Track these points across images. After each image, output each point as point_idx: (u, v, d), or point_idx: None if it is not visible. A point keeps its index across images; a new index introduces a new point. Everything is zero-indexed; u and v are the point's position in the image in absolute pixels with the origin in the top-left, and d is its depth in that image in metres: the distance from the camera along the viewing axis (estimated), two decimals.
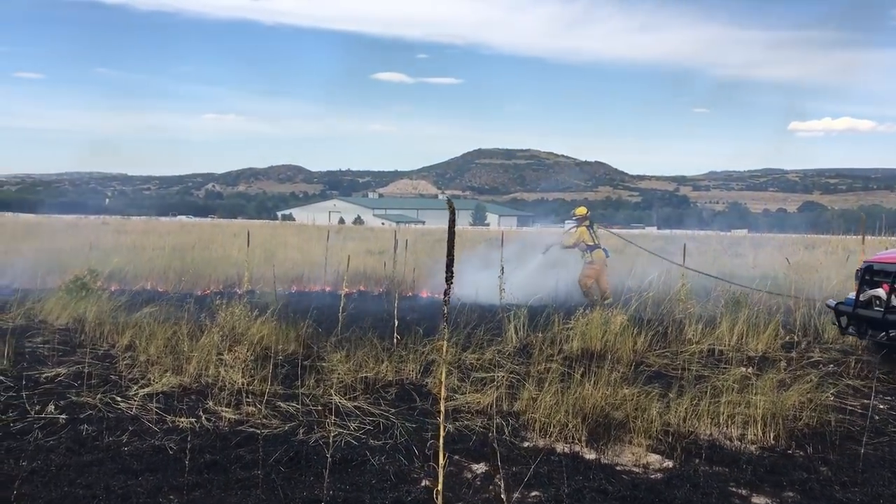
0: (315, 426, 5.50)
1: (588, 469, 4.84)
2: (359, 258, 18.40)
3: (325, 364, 7.22)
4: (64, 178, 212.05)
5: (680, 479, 4.71)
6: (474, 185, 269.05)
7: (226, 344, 7.28)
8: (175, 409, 5.81)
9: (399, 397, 6.48)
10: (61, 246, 20.68)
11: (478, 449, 5.15)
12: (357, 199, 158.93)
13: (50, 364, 7.15)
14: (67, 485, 4.28)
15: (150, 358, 7.18)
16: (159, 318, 8.71)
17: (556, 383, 6.06)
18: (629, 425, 5.53)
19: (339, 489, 4.35)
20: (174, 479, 4.43)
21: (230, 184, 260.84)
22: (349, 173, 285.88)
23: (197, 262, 16.71)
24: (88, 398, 5.98)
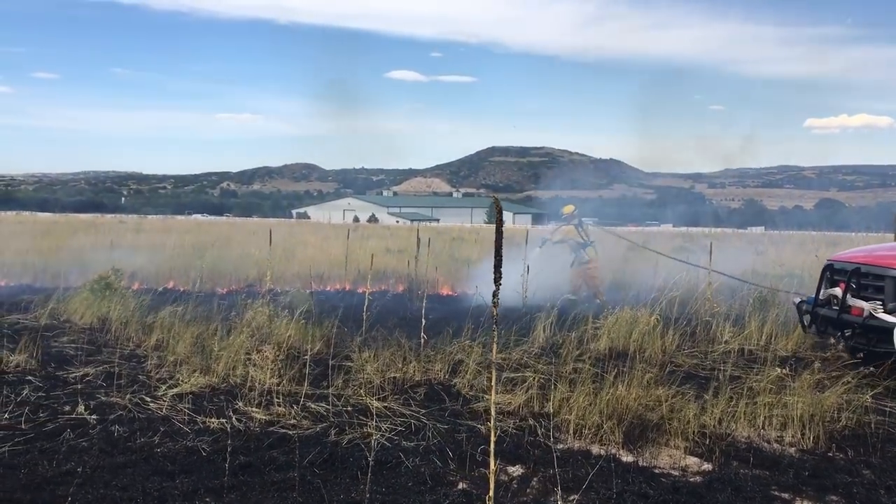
0: (346, 427, 5.45)
1: (626, 472, 4.77)
2: (378, 256, 18.36)
3: (353, 364, 7.18)
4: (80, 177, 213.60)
5: (721, 483, 4.62)
6: (488, 182, 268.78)
7: (254, 344, 7.25)
8: (205, 409, 5.78)
9: (428, 398, 6.42)
10: (81, 245, 20.79)
11: (512, 451, 5.08)
12: (371, 197, 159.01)
13: (77, 364, 7.14)
14: (103, 486, 4.25)
15: (178, 358, 7.15)
16: (184, 317, 8.70)
17: (588, 384, 5.99)
18: (665, 427, 5.45)
19: (375, 492, 4.29)
20: (209, 480, 4.39)
21: (245, 182, 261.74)
22: (363, 171, 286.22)
23: (217, 260, 16.73)
24: (118, 398, 5.96)
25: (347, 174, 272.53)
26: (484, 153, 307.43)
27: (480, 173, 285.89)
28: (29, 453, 4.77)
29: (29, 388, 6.24)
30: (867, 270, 7.46)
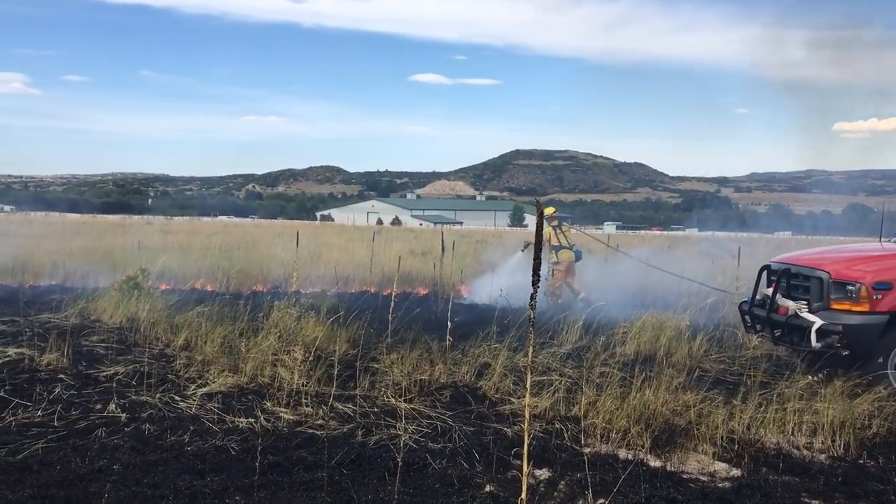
0: (373, 428, 5.47)
1: (654, 477, 4.75)
2: (403, 259, 18.40)
3: (379, 366, 7.21)
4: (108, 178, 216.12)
5: (750, 489, 4.59)
6: (512, 185, 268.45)
7: (281, 345, 7.30)
8: (234, 409, 5.83)
9: (454, 400, 6.43)
10: (109, 245, 21.03)
11: (539, 454, 5.07)
12: (395, 199, 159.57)
13: (108, 363, 7.23)
14: (135, 484, 4.30)
15: (207, 357, 7.22)
16: (212, 317, 8.77)
17: (615, 388, 5.97)
18: (693, 432, 5.42)
19: (403, 493, 4.31)
20: (239, 479, 4.43)
21: (270, 184, 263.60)
22: (387, 174, 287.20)
23: (244, 261, 16.85)
24: (148, 397, 6.03)
25: (371, 177, 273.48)
26: (508, 156, 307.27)
27: (504, 176, 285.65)
28: (62, 450, 4.84)
29: (61, 386, 6.33)
30: (797, 272, 7.69)
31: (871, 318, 6.87)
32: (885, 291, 6.87)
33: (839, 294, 7.08)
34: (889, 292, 6.87)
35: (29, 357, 7.17)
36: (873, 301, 6.86)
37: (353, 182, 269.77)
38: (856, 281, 6.97)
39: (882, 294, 6.86)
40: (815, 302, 7.25)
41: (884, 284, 6.90)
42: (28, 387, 6.24)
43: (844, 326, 6.87)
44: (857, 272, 7.09)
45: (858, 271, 7.11)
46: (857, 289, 6.93)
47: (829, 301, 7.13)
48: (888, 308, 6.87)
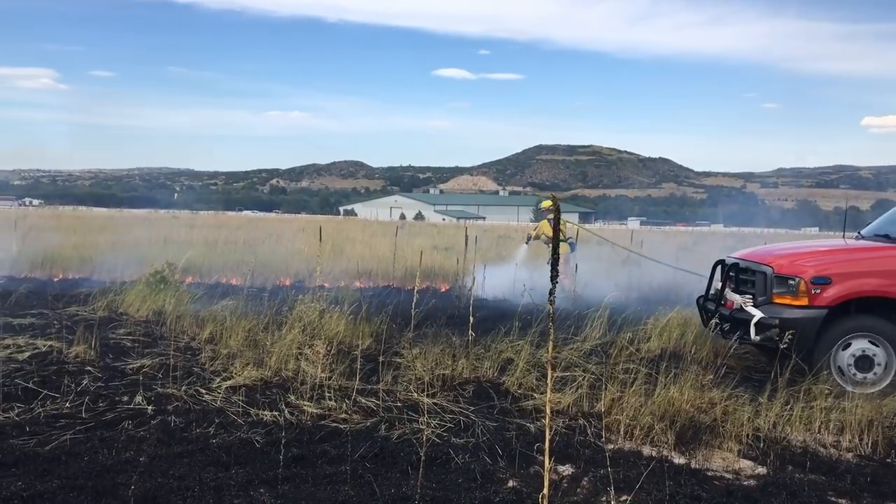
0: (396, 422, 5.49)
1: (678, 474, 4.72)
2: (425, 254, 18.42)
3: (402, 360, 7.23)
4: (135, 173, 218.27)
5: (776, 487, 4.55)
6: (535, 181, 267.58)
7: (305, 339, 7.34)
8: (258, 402, 5.87)
9: (477, 395, 6.42)
10: (136, 239, 21.26)
11: (562, 450, 5.06)
12: (418, 194, 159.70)
13: (134, 355, 7.31)
14: (161, 475, 4.35)
15: (231, 351, 7.28)
16: (237, 311, 8.84)
17: (639, 385, 5.93)
18: (718, 429, 5.38)
19: (426, 487, 4.32)
20: (263, 472, 4.47)
21: (294, 179, 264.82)
22: (410, 169, 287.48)
23: (268, 256, 16.96)
24: (174, 390, 6.09)
25: (394, 172, 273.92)
26: (531, 151, 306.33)
27: (527, 171, 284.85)
28: (90, 441, 4.90)
29: (88, 378, 6.41)
30: (745, 266, 7.79)
31: (810, 312, 6.89)
32: (824, 286, 6.89)
33: (781, 288, 7.14)
34: (828, 287, 6.89)
35: (57, 349, 7.27)
36: (812, 295, 6.89)
37: (377, 177, 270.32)
38: (795, 275, 7.03)
39: (821, 288, 6.88)
40: (759, 296, 7.35)
41: (823, 279, 6.93)
42: (56, 378, 6.33)
43: (782, 320, 6.92)
44: (797, 267, 7.15)
45: (799, 266, 7.17)
46: (797, 283, 6.98)
47: (771, 295, 7.20)
48: (827, 303, 6.88)
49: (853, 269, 7.10)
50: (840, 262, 7.23)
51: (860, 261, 7.32)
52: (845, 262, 7.26)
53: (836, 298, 6.87)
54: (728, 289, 7.94)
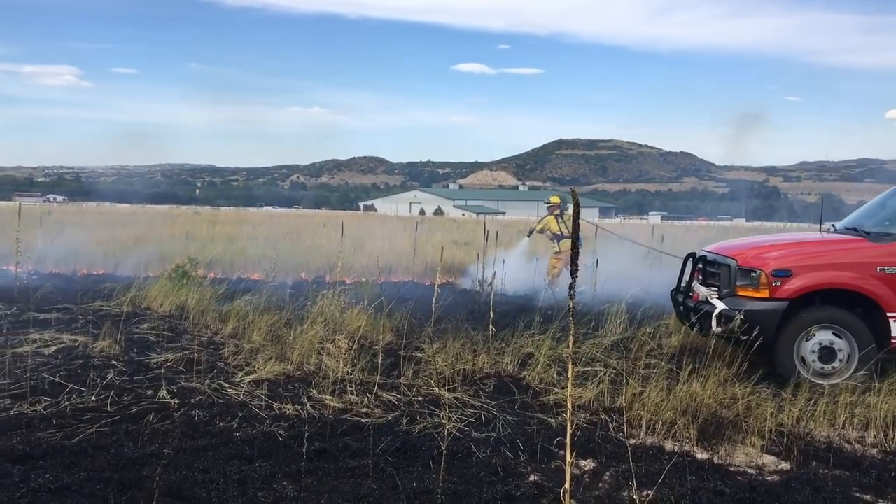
0: (418, 417, 5.51)
1: (700, 469, 4.70)
2: (446, 249, 18.43)
3: (423, 355, 7.25)
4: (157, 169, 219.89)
5: (799, 482, 4.52)
6: (555, 176, 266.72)
7: (327, 334, 7.38)
8: (281, 396, 5.91)
9: (497, 390, 6.43)
10: (158, 235, 21.45)
11: (583, 445, 5.05)
12: (437, 189, 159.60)
13: (158, 350, 7.39)
14: (185, 468, 4.40)
15: (254, 345, 7.34)
16: (259, 306, 8.91)
17: (661, 380, 5.92)
18: (741, 425, 5.36)
19: (448, 481, 4.33)
20: (286, 465, 4.51)
21: (314, 175, 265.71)
22: (430, 164, 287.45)
23: (289, 251, 17.05)
24: (198, 384, 6.15)
25: (414, 167, 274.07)
26: (551, 146, 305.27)
27: (547, 166, 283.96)
28: (115, 435, 4.97)
29: (113, 372, 6.49)
30: (713, 259, 7.88)
31: (770, 304, 6.92)
32: (785, 278, 6.94)
33: (744, 281, 7.19)
34: (788, 279, 6.93)
35: (83, 344, 7.37)
36: (773, 287, 6.93)
37: (396, 172, 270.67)
38: (757, 268, 7.09)
39: (781, 281, 6.93)
40: (724, 288, 7.42)
41: (783, 272, 6.97)
42: (82, 373, 6.42)
43: (742, 312, 6.95)
44: (759, 260, 7.22)
45: (761, 259, 7.23)
46: (758, 275, 7.04)
47: (735, 287, 7.27)
48: (788, 295, 6.92)
49: (814, 262, 7.12)
50: (801, 255, 7.27)
51: (822, 253, 7.33)
52: (806, 255, 7.29)
53: (796, 291, 6.91)
54: (696, 281, 8.04)
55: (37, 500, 3.93)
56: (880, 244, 7.07)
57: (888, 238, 7.13)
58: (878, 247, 7.04)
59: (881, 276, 6.82)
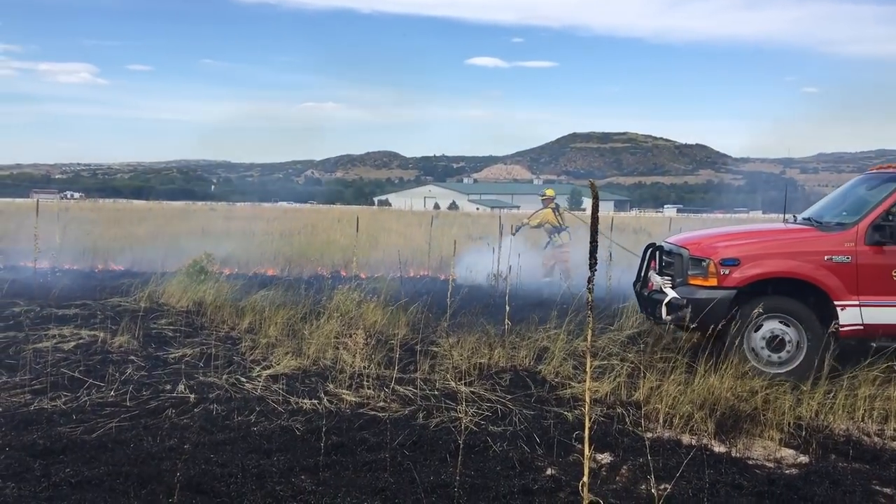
0: (434, 411, 5.52)
1: (718, 462, 4.69)
2: (460, 243, 18.43)
3: (439, 349, 7.25)
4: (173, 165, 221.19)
5: (818, 476, 4.50)
6: (569, 169, 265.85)
7: (343, 328, 7.40)
8: (298, 390, 5.94)
9: (513, 384, 6.43)
10: (175, 231, 21.58)
11: (601, 438, 5.05)
12: (452, 184, 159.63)
13: (176, 345, 7.44)
14: (204, 462, 4.43)
15: (270, 340, 7.37)
16: (275, 301, 8.94)
17: (678, 373, 5.90)
18: (759, 418, 5.33)
19: (465, 475, 4.34)
20: (304, 459, 4.53)
21: (328, 170, 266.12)
22: (443, 159, 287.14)
23: (304, 246, 17.11)
24: (215, 378, 6.19)
25: (428, 161, 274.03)
26: (565, 139, 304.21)
27: (561, 160, 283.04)
28: (134, 429, 5.01)
29: (132, 367, 6.54)
30: (668, 249, 7.94)
31: (718, 292, 6.97)
32: (733, 267, 7.00)
33: (695, 270, 7.27)
34: (736, 268, 6.99)
35: (101, 339, 7.42)
36: (721, 276, 7.00)
37: (410, 167, 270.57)
38: (706, 257, 7.17)
39: (730, 269, 6.99)
40: (677, 278, 7.50)
41: (731, 260, 7.03)
42: (101, 368, 6.47)
43: (690, 300, 7.07)
44: (708, 249, 7.29)
45: (710, 248, 7.31)
46: (707, 264, 7.11)
47: (687, 277, 7.35)
48: (735, 283, 6.97)
49: (762, 251, 7.18)
50: (750, 245, 7.35)
51: (770, 243, 7.40)
52: (755, 245, 7.37)
53: (744, 279, 6.97)
54: (653, 271, 8.14)
55: (58, 494, 3.98)
56: (828, 233, 7.14)
57: (837, 227, 7.20)
58: (826, 236, 7.12)
59: (829, 265, 6.88)
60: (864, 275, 6.83)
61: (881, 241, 6.86)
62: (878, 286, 6.82)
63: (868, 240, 6.87)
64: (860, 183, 8.12)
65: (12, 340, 7.36)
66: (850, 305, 6.80)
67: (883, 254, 6.86)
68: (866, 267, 6.84)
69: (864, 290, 6.82)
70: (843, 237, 6.97)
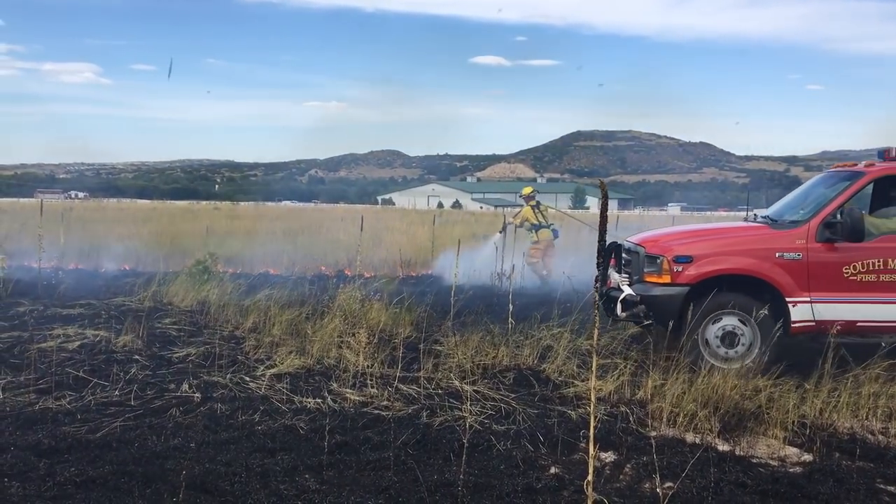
0: (438, 410, 5.52)
1: (722, 461, 4.69)
2: (464, 242, 18.41)
3: (442, 348, 7.26)
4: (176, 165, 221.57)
5: (822, 474, 4.50)
6: (573, 167, 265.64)
7: (346, 327, 7.41)
8: (301, 389, 5.95)
9: (517, 382, 6.43)
10: (179, 231, 21.61)
11: (604, 437, 5.05)
12: (455, 183, 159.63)
13: (180, 344, 7.45)
14: (208, 461, 4.44)
15: (274, 340, 7.38)
16: (279, 300, 8.95)
17: (682, 372, 5.89)
18: (763, 416, 5.33)
19: (469, 473, 4.34)
20: (308, 458, 4.54)
21: (332, 169, 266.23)
22: (447, 157, 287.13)
23: (308, 246, 17.13)
24: (219, 378, 6.20)
25: (431, 160, 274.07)
26: (568, 138, 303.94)
27: (565, 158, 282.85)
28: (139, 428, 5.02)
29: (136, 366, 6.55)
30: (628, 247, 8.07)
31: (671, 289, 7.12)
32: (686, 264, 7.12)
33: (650, 267, 7.39)
34: (689, 265, 7.12)
35: (105, 339, 7.44)
36: (674, 273, 7.13)
37: (414, 166, 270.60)
38: (660, 254, 7.29)
39: (683, 267, 7.11)
40: (635, 275, 7.65)
41: (684, 258, 7.16)
42: (105, 367, 6.49)
43: (643, 297, 7.23)
44: (663, 247, 7.43)
45: (665, 246, 7.44)
46: (661, 262, 7.24)
47: (643, 274, 7.48)
48: (688, 280, 7.10)
49: (715, 249, 7.29)
50: (703, 242, 7.47)
51: (724, 241, 7.53)
52: (709, 242, 7.49)
53: (697, 276, 7.08)
54: (612, 269, 8.28)
55: (63, 493, 3.99)
56: (781, 231, 7.26)
57: (790, 225, 7.30)
58: (778, 234, 7.24)
59: (780, 262, 7.00)
60: (816, 272, 6.97)
61: (832, 239, 6.98)
62: (829, 283, 6.95)
63: (819, 237, 7.01)
64: (820, 181, 8.22)
65: (17, 340, 7.38)
66: (801, 302, 6.95)
67: (834, 251, 6.98)
68: (817, 264, 6.97)
69: (816, 287, 6.96)
70: (795, 234, 7.10)
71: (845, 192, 7.17)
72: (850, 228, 6.81)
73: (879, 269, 6.92)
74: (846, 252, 6.94)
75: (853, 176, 7.43)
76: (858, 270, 6.94)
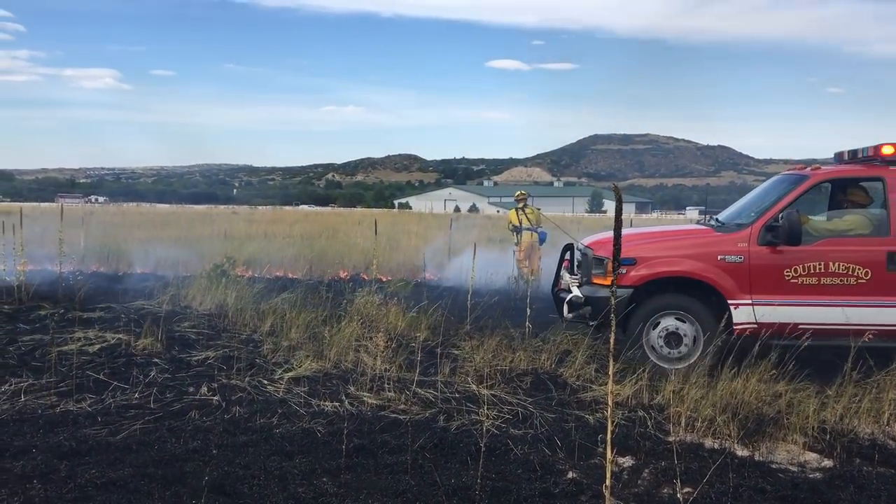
0: (455, 413, 5.52)
1: (741, 466, 4.66)
2: (481, 246, 18.42)
3: (459, 352, 7.26)
4: (195, 170, 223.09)
5: (843, 480, 4.46)
6: (590, 171, 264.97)
7: (364, 331, 7.43)
8: (319, 393, 5.97)
9: (535, 387, 6.42)
10: (197, 234, 21.75)
11: (622, 442, 5.03)
12: (472, 186, 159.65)
13: (199, 348, 7.49)
14: (227, 464, 4.46)
15: (292, 343, 7.41)
16: (296, 304, 8.99)
17: (701, 376, 5.86)
18: (782, 422, 5.29)
19: (486, 478, 4.34)
20: (326, 461, 4.55)
21: (349, 173, 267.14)
22: (464, 161, 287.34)
23: (325, 249, 17.19)
24: (238, 381, 6.23)
25: (448, 164, 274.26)
26: (586, 141, 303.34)
27: (582, 162, 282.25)
28: (158, 431, 5.06)
29: (156, 369, 6.60)
30: (581, 249, 8.19)
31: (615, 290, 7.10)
32: (630, 267, 7.21)
33: (597, 269, 7.53)
34: (633, 267, 7.21)
35: (125, 342, 7.50)
36: (619, 275, 7.07)
37: (431, 170, 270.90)
38: (606, 256, 7.42)
39: (627, 269, 7.19)
40: (584, 277, 7.76)
41: (628, 260, 7.22)
42: (125, 370, 6.54)
43: (588, 298, 7.39)
44: (609, 249, 7.42)
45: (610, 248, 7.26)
46: (606, 263, 7.38)
47: (591, 276, 7.60)
48: (632, 282, 7.19)
49: (658, 252, 7.39)
50: (648, 245, 7.56)
51: (669, 244, 7.62)
52: (653, 245, 7.59)
53: (640, 278, 7.18)
54: (565, 270, 8.42)
55: (84, 495, 4.03)
56: (725, 234, 7.31)
57: (734, 228, 7.33)
58: (722, 237, 7.30)
59: (722, 265, 7.06)
60: (757, 275, 7.01)
61: (773, 242, 7.00)
62: (771, 286, 6.99)
63: (761, 240, 7.04)
64: (772, 185, 8.20)
65: (38, 343, 7.45)
66: (742, 304, 7.00)
67: (776, 254, 7.00)
68: (759, 267, 7.01)
69: (757, 290, 7.00)
70: (738, 238, 7.15)
71: (788, 195, 7.22)
72: (788, 231, 6.84)
73: (820, 273, 6.95)
74: (787, 255, 6.97)
75: (798, 179, 7.46)
76: (799, 273, 6.97)
